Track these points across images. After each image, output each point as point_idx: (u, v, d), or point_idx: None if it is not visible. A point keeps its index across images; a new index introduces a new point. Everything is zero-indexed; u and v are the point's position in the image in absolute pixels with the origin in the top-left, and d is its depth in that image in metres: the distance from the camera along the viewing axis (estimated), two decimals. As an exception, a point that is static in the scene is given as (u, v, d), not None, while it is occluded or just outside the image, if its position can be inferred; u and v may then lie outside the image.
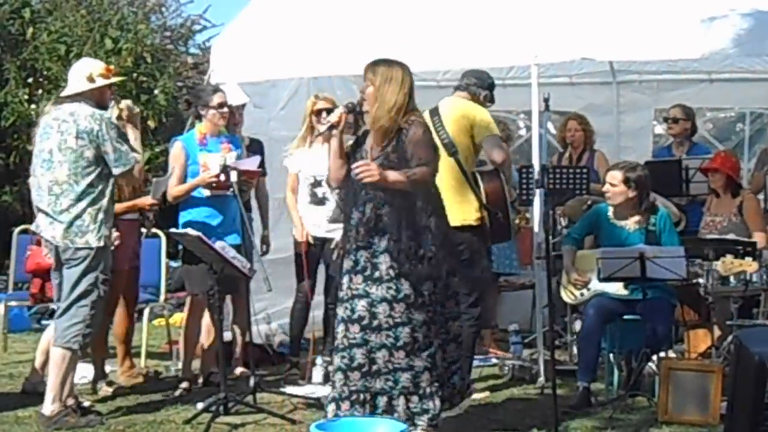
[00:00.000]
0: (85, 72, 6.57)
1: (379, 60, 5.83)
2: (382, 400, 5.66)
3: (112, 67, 7.00)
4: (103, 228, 6.43)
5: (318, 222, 7.79)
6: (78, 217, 6.37)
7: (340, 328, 5.70)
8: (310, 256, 7.87)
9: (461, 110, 7.00)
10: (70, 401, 6.46)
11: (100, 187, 6.43)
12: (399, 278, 5.61)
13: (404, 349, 5.59)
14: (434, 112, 6.95)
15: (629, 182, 7.11)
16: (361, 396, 5.67)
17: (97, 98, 6.57)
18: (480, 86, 7.14)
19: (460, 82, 7.25)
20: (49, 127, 6.48)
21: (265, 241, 8.21)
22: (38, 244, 7.59)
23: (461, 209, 6.66)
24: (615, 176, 7.16)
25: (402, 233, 5.63)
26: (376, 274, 5.62)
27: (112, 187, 6.55)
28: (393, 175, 5.57)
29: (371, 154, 5.77)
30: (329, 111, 6.00)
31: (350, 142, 5.89)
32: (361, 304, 5.63)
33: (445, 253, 5.78)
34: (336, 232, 7.30)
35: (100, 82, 6.56)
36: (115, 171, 6.43)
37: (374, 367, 5.62)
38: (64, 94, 6.64)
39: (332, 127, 5.72)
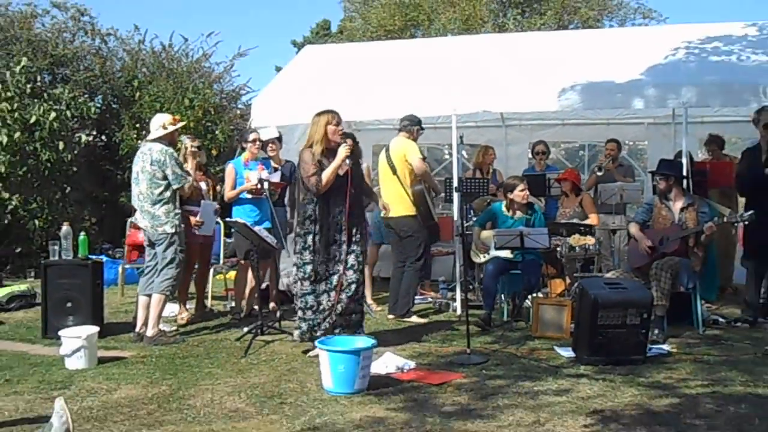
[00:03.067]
0: (160, 123, 6.48)
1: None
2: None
3: (177, 117, 6.91)
4: (174, 219, 6.37)
5: None
6: (155, 214, 6.33)
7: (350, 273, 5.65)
8: None
9: (401, 147, 7.19)
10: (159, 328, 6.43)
11: (167, 195, 6.35)
12: (360, 242, 5.73)
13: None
14: (387, 148, 7.25)
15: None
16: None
17: (168, 138, 6.48)
18: (412, 124, 7.30)
19: (400, 125, 7.37)
20: (137, 158, 6.46)
21: (290, 227, 7.74)
22: (135, 228, 7.51)
23: (402, 206, 7.04)
24: (524, 187, 7.11)
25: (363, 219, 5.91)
26: (357, 237, 5.73)
27: (176, 194, 6.43)
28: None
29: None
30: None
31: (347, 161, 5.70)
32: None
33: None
34: None
35: (170, 128, 6.48)
36: (173, 185, 6.36)
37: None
38: (148, 138, 6.52)
39: (349, 156, 5.66)
